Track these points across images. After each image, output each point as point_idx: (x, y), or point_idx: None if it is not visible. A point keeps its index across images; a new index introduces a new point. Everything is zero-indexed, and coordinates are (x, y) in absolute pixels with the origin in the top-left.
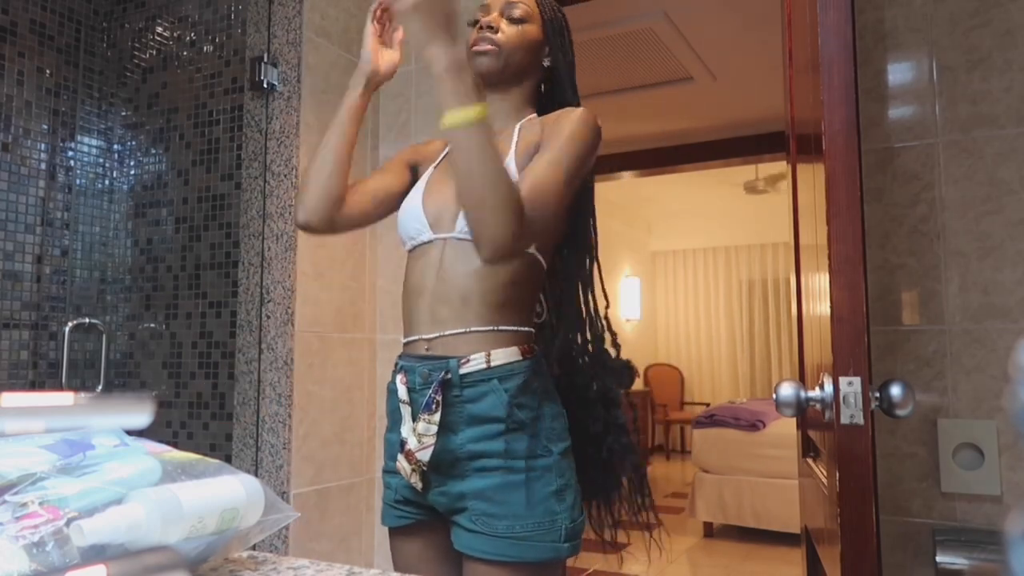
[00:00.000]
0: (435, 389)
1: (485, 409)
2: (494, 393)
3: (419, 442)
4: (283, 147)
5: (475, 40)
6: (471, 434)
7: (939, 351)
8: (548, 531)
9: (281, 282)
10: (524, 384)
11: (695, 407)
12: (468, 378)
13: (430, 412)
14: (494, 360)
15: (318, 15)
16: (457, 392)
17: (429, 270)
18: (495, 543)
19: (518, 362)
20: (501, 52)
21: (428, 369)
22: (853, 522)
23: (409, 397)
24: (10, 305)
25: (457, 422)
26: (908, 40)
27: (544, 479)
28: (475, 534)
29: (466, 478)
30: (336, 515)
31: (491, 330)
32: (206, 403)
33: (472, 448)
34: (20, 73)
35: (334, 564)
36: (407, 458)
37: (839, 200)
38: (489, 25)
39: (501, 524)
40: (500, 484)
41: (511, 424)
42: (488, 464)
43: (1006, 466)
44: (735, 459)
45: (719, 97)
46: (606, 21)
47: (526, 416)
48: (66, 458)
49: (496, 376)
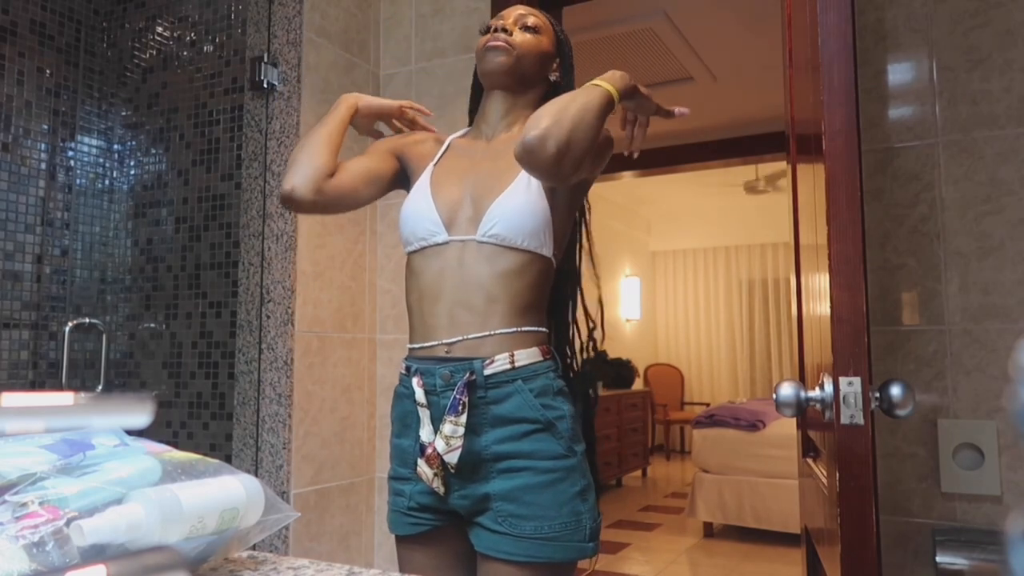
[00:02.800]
0: (460, 390)
1: (510, 410)
2: (519, 394)
3: (447, 444)
4: (283, 147)
5: (489, 38)
6: (496, 435)
7: (939, 351)
8: (574, 531)
9: (281, 282)
10: (547, 384)
11: (695, 407)
12: (492, 379)
13: (456, 413)
14: (518, 360)
15: (318, 15)
16: (481, 393)
17: (447, 272)
18: (522, 544)
19: (540, 362)
20: (514, 52)
21: (450, 371)
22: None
23: (427, 400)
24: (10, 305)
25: (481, 424)
26: (908, 40)
27: (570, 479)
28: (501, 535)
29: (490, 480)
30: (336, 515)
31: (514, 331)
32: (206, 403)
33: (497, 449)
34: (20, 73)
35: (334, 564)
36: (428, 462)
37: (839, 200)
38: (504, 28)
39: (529, 525)
40: (527, 485)
41: (537, 425)
42: (514, 465)
43: (1006, 466)
44: (735, 459)
45: (719, 97)
46: (606, 21)
47: (552, 416)
48: (66, 458)
49: (520, 377)
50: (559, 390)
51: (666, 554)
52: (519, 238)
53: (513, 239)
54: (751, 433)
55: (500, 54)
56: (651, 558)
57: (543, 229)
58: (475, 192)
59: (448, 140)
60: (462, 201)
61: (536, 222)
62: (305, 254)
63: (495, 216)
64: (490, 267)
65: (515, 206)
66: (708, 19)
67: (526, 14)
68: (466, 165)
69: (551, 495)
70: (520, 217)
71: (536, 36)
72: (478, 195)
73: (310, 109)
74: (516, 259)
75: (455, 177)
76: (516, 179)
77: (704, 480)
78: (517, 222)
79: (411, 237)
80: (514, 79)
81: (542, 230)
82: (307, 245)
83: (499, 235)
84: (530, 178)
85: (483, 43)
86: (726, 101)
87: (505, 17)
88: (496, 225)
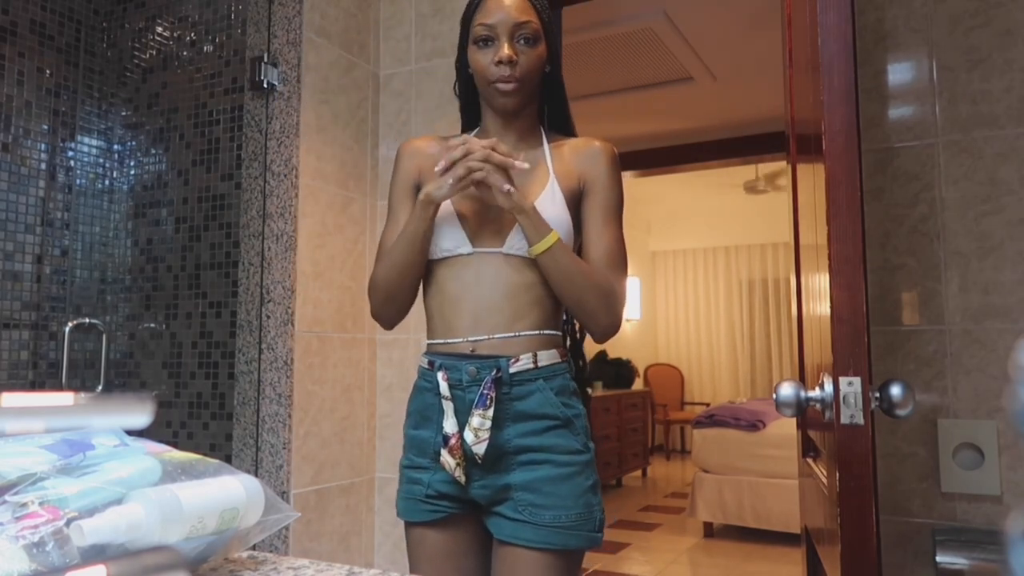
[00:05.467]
0: (488, 386)
1: (532, 406)
2: (540, 392)
3: (475, 436)
4: (283, 147)
5: (497, 77)
6: (518, 429)
7: (939, 351)
8: (587, 521)
9: (281, 282)
10: (565, 384)
11: (695, 407)
12: (517, 377)
13: (484, 407)
14: (540, 361)
15: (318, 15)
16: (506, 390)
17: (472, 281)
18: (540, 532)
19: (558, 363)
20: (523, 88)
21: (476, 367)
22: (853, 522)
23: (451, 394)
24: (10, 305)
25: (503, 418)
26: (908, 40)
27: (584, 473)
28: (520, 523)
29: (511, 471)
30: (336, 515)
31: (537, 334)
32: (206, 403)
33: (519, 443)
34: (20, 73)
35: (334, 564)
36: (451, 453)
37: (839, 200)
38: (510, 60)
39: (548, 514)
40: (547, 477)
41: (557, 421)
42: (535, 458)
43: (1006, 466)
44: (735, 459)
45: (719, 97)
46: (606, 21)
47: (571, 414)
48: (66, 458)
49: (542, 376)
50: (574, 390)
51: (666, 554)
52: None
53: None
54: (751, 433)
55: (512, 98)
56: (651, 558)
57: (567, 240)
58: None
59: None
60: (485, 214)
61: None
62: (305, 254)
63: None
64: (518, 277)
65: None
66: (708, 19)
67: (521, 22)
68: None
69: (569, 487)
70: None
71: (536, 49)
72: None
73: (310, 109)
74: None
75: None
76: (541, 195)
77: (704, 480)
78: None
79: (435, 249)
80: (521, 103)
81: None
82: (307, 245)
83: (526, 249)
84: (554, 193)
85: (491, 77)
86: (726, 101)
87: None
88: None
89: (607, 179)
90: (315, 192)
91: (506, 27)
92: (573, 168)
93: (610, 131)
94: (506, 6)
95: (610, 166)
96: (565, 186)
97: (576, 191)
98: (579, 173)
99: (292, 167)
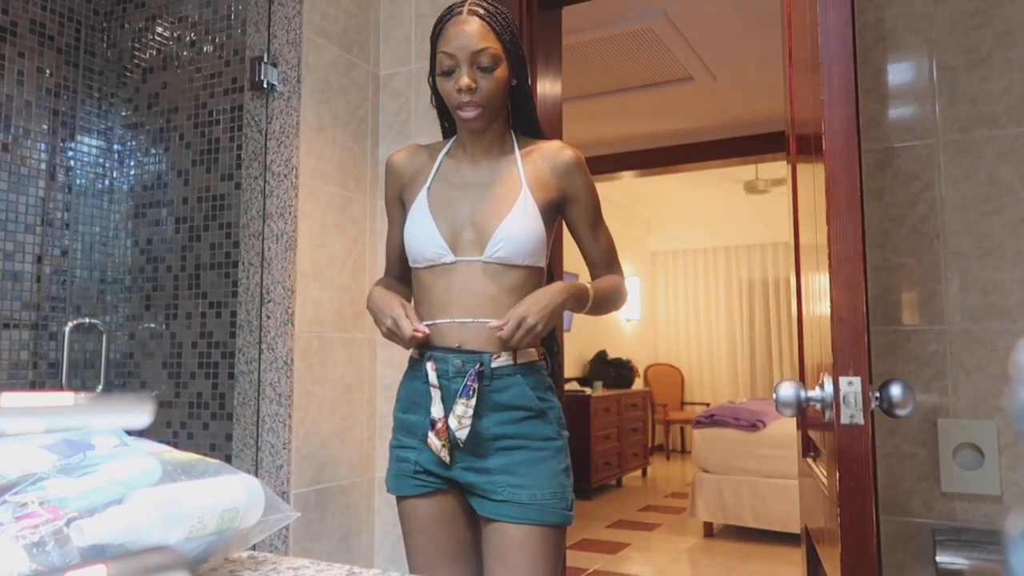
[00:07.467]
0: (472, 378)
1: (510, 398)
2: (518, 385)
3: (459, 423)
4: (283, 147)
5: (459, 104)
6: (496, 419)
7: (939, 351)
8: (560, 500)
9: (281, 282)
10: (541, 380)
11: (695, 407)
12: (498, 371)
13: (468, 397)
14: (520, 358)
15: (318, 15)
16: (487, 382)
17: (455, 287)
18: (519, 509)
19: (536, 361)
20: (486, 110)
21: (462, 360)
22: (853, 522)
23: (439, 383)
24: (10, 305)
25: (483, 408)
26: (908, 40)
27: (557, 458)
28: (501, 502)
29: (489, 456)
30: (336, 515)
31: None
32: (206, 403)
33: (497, 430)
34: (20, 73)
35: (334, 564)
36: (438, 435)
37: (839, 200)
38: (469, 88)
39: (525, 493)
40: (523, 460)
41: (532, 412)
42: (511, 444)
43: (1006, 466)
44: (735, 459)
45: (719, 97)
46: (606, 21)
47: (544, 406)
48: (66, 458)
49: (520, 371)
50: (549, 385)
51: (666, 554)
52: (521, 258)
53: (516, 259)
54: (751, 433)
55: (476, 121)
56: (651, 558)
57: (540, 247)
58: (475, 216)
59: (438, 159)
60: (464, 225)
61: (536, 243)
62: (305, 254)
63: (500, 240)
64: (496, 283)
65: (517, 231)
66: (708, 19)
67: (479, 49)
68: (459, 188)
69: (543, 468)
70: (523, 240)
71: (494, 74)
72: (480, 220)
73: (310, 109)
74: (518, 275)
75: (452, 200)
76: (515, 205)
77: (704, 480)
78: (520, 245)
79: (419, 258)
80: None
81: (540, 248)
82: (307, 245)
83: (504, 257)
84: (527, 203)
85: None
86: (726, 101)
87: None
88: (501, 248)
89: (586, 188)
90: (315, 192)
91: (465, 54)
92: (549, 178)
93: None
94: (466, 32)
95: (585, 175)
96: (539, 196)
97: (552, 201)
98: (558, 185)
99: (292, 167)
